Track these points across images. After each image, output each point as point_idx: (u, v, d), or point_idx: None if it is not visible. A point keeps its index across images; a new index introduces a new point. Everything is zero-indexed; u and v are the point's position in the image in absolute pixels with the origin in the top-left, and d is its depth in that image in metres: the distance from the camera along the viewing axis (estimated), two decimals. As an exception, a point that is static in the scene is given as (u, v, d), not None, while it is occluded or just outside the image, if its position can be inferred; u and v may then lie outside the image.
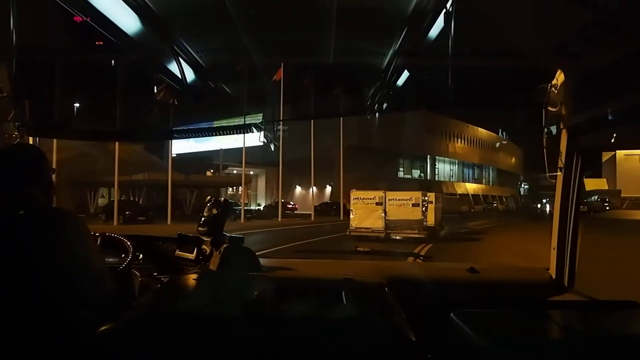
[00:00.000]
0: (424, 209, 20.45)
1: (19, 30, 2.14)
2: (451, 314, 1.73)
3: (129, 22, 2.32)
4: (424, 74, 2.65)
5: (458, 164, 73.59)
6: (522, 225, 29.55)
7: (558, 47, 2.38)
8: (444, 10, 2.01)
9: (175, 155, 39.03)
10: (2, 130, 2.62)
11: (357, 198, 21.41)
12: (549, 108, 2.68)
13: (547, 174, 2.74)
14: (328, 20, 2.43)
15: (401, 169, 63.64)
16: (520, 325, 1.75)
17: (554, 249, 2.82)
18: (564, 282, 2.80)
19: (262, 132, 3.18)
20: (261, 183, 62.51)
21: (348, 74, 3.11)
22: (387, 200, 20.76)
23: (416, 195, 20.92)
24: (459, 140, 72.35)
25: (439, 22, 2.13)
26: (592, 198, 72.06)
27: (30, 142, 2.69)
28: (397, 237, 20.08)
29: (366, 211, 20.85)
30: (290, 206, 50.53)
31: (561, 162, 2.70)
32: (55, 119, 2.87)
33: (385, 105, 3.07)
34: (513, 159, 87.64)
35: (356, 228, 20.93)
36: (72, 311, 1.63)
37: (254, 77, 3.17)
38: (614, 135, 2.37)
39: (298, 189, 59.91)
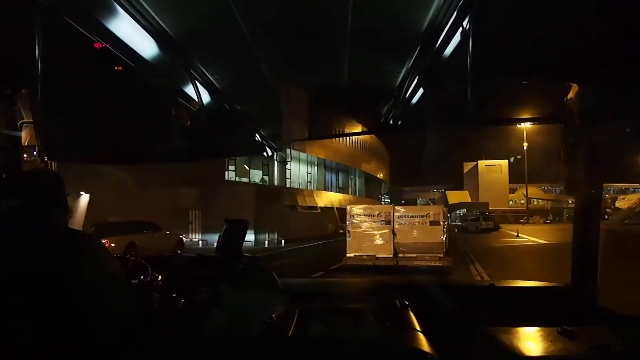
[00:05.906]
0: (444, 228, 14.70)
1: (41, 57, 2.19)
2: (474, 332, 1.71)
3: (147, 47, 2.38)
4: (439, 91, 2.66)
5: (319, 164, 49.20)
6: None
7: (572, 60, 2.38)
8: (460, 28, 2.03)
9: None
10: (24, 156, 2.67)
11: (356, 214, 15.23)
12: (566, 122, 2.67)
13: (566, 187, 2.72)
14: (342, 41, 2.46)
15: (231, 168, 36.18)
16: (545, 342, 1.72)
17: (574, 263, 2.78)
18: (586, 296, 2.75)
19: (277, 153, 3.21)
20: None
21: (362, 93, 3.13)
22: (395, 217, 14.90)
23: (435, 211, 15.15)
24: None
25: (455, 40, 2.15)
26: (460, 212, 65.23)
27: (54, 167, 2.73)
28: (414, 266, 14.20)
29: (369, 233, 14.93)
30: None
31: (579, 175, 2.67)
32: (77, 144, 2.92)
33: (399, 122, 3.08)
34: (381, 165, 66.43)
35: (355, 256, 14.65)
36: (95, 328, 1.64)
37: (269, 98, 3.21)
38: (634, 146, 2.36)
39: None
